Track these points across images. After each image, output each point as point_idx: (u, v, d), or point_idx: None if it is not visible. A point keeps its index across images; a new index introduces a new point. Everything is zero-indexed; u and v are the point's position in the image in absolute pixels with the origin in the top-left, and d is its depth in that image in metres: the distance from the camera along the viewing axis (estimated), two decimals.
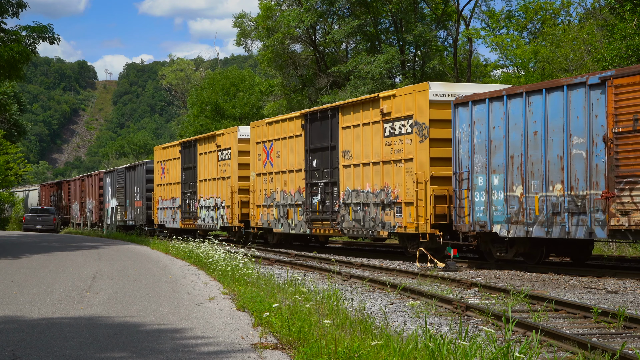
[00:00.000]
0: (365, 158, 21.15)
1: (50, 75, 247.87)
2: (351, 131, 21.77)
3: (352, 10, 42.39)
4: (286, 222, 24.97)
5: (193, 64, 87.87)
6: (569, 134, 15.56)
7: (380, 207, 20.45)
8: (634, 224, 14.20)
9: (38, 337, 8.17)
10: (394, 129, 20.03)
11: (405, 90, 19.90)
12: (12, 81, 36.64)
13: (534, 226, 16.31)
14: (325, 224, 22.94)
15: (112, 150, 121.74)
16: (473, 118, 17.78)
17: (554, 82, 16.27)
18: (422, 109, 19.04)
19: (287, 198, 24.94)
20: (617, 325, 9.39)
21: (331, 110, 22.79)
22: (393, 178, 20.01)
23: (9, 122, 60.31)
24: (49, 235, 41.70)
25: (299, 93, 46.99)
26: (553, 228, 15.89)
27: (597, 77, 15.01)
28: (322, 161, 23.19)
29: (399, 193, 19.77)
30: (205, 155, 31.19)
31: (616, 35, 27.34)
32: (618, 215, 14.54)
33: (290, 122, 25.00)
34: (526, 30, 49.55)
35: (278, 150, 25.56)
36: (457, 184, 18.19)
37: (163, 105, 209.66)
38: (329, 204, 22.70)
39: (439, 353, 6.43)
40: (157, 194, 36.57)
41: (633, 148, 14.36)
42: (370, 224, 20.85)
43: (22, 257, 21.20)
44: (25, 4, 27.85)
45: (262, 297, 10.28)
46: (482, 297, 12.40)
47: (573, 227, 15.50)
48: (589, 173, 15.17)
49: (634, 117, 14.26)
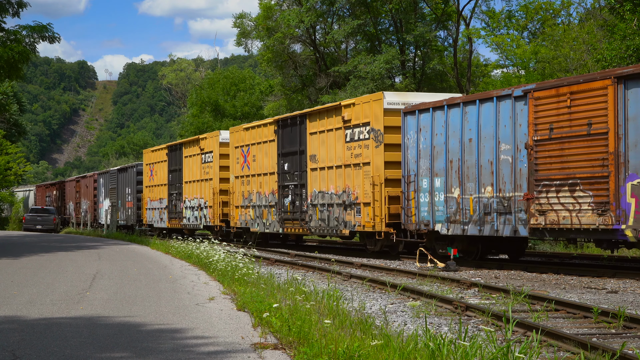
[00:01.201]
0: (329, 162, 22.67)
1: (50, 75, 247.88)
2: (317, 137, 23.28)
3: (352, 10, 42.37)
4: (261, 222, 26.42)
5: (193, 64, 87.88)
6: (498, 141, 17.13)
7: (342, 207, 22.00)
8: (549, 223, 15.82)
9: (38, 337, 8.17)
10: (353, 135, 21.56)
11: (364, 99, 21.38)
12: (12, 81, 36.64)
13: (469, 225, 17.88)
14: (296, 224, 24.40)
15: (112, 150, 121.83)
16: (419, 126, 19.39)
17: (485, 94, 17.79)
18: (377, 116, 20.56)
19: (262, 199, 26.44)
20: (617, 325, 9.39)
21: (300, 117, 24.33)
22: (353, 180, 21.51)
23: (9, 122, 60.31)
24: (49, 235, 41.70)
25: (299, 93, 46.98)
26: (485, 226, 17.45)
27: (521, 89, 16.61)
28: (292, 164, 24.69)
29: (359, 194, 21.28)
30: (190, 158, 32.70)
31: (616, 35, 27.34)
32: (537, 214, 16.08)
33: (264, 128, 26.50)
34: (526, 30, 49.55)
35: (254, 154, 27.07)
36: (405, 186, 19.84)
37: (163, 105, 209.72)
38: (299, 204, 24.19)
39: (439, 353, 6.43)
40: (146, 195, 38.23)
41: (549, 154, 15.95)
42: (334, 223, 22.36)
43: (22, 257, 21.20)
44: (25, 4, 27.83)
45: (262, 297, 10.27)
46: (482, 297, 12.41)
47: (501, 226, 17.04)
48: (514, 177, 16.72)
49: (550, 127, 15.90)
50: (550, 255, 21.61)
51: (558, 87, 15.81)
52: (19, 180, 63.83)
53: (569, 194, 15.53)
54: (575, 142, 15.43)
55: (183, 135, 58.42)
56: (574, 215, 15.42)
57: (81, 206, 52.95)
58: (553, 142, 15.86)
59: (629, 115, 14.47)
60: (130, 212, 40.71)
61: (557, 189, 15.75)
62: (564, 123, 15.64)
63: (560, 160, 15.73)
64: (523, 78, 44.25)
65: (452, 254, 18.32)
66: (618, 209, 14.63)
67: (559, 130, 15.75)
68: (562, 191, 15.66)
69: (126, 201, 41.54)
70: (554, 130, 15.86)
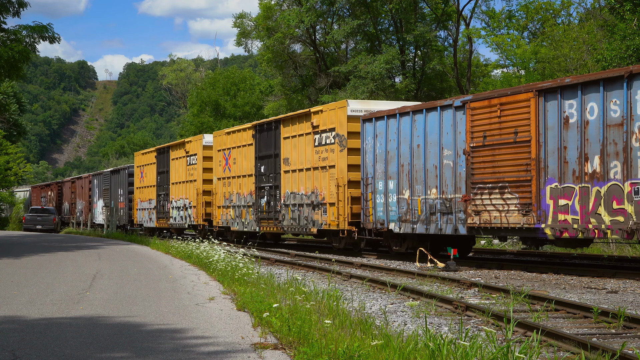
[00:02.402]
0: (300, 164, 24.18)
1: (50, 75, 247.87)
2: (290, 141, 24.82)
3: (352, 10, 42.36)
4: (241, 221, 27.99)
5: (193, 64, 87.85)
6: (442, 147, 18.74)
7: (311, 207, 23.51)
8: (483, 222, 17.49)
9: (38, 337, 8.17)
10: (321, 140, 23.10)
11: (330, 106, 22.96)
12: (12, 81, 36.64)
13: (418, 224, 19.50)
14: (270, 223, 25.94)
15: (112, 150, 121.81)
16: (375, 132, 20.94)
17: (430, 104, 19.44)
18: (342, 123, 22.09)
19: (242, 200, 27.99)
20: (617, 325, 9.39)
21: (275, 122, 25.92)
22: (321, 182, 23.01)
23: (9, 122, 60.26)
24: (49, 235, 41.70)
25: (299, 93, 46.97)
26: (430, 225, 19.09)
27: (460, 100, 18.25)
28: (268, 167, 26.24)
29: (325, 195, 22.80)
30: (177, 160, 34.31)
31: (616, 36, 27.34)
32: (473, 214, 17.76)
33: (244, 132, 28.08)
34: (526, 30, 49.53)
35: (235, 157, 28.63)
36: (364, 188, 21.43)
37: (163, 105, 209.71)
38: (273, 204, 25.76)
39: (439, 353, 6.43)
40: (136, 196, 39.95)
41: (483, 160, 17.57)
42: (304, 222, 23.86)
43: (22, 257, 21.20)
44: (25, 4, 27.83)
45: (262, 297, 10.27)
46: (482, 297, 12.41)
47: (444, 225, 18.67)
48: (454, 180, 18.35)
49: (484, 134, 17.51)
50: (550, 255, 21.63)
51: (490, 99, 17.41)
52: (19, 180, 63.82)
53: (499, 195, 17.17)
54: (504, 148, 17.06)
55: (183, 135, 58.40)
56: (503, 215, 17.04)
57: (76, 206, 54.17)
58: (486, 148, 17.50)
59: (548, 125, 16.07)
60: (122, 213, 42.27)
61: (489, 191, 17.41)
62: (495, 131, 17.26)
63: (492, 165, 17.36)
64: (523, 78, 44.24)
65: (452, 254, 18.34)
66: (539, 210, 16.21)
67: (491, 137, 17.37)
68: (493, 193, 17.32)
69: (118, 202, 43.05)
70: (487, 138, 17.46)
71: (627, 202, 14.49)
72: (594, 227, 15.07)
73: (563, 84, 15.74)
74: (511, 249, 23.96)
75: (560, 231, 15.82)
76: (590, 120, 15.21)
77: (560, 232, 15.83)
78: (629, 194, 14.44)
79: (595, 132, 15.10)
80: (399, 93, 39.14)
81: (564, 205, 15.70)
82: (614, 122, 14.75)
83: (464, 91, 41.80)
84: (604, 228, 14.91)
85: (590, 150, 15.22)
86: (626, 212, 14.50)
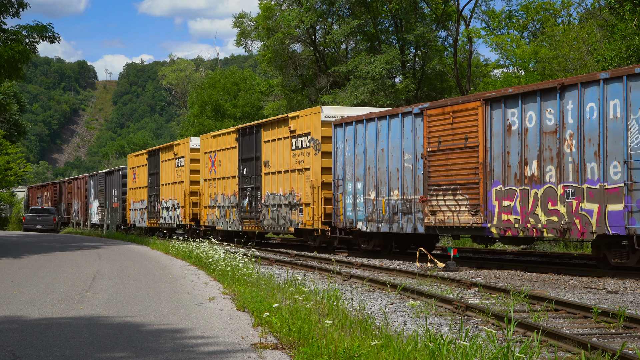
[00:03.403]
0: (279, 167, 25.43)
1: (50, 75, 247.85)
2: (270, 144, 26.09)
3: (352, 10, 42.35)
4: (225, 221, 29.27)
5: (193, 64, 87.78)
6: (403, 151, 20.00)
7: (289, 207, 24.75)
8: (438, 222, 18.83)
9: (38, 337, 8.17)
10: (298, 144, 24.33)
11: (306, 112, 24.29)
12: (12, 81, 36.62)
13: (382, 223, 20.78)
14: (252, 222, 27.25)
15: (112, 150, 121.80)
16: (345, 136, 22.21)
17: (393, 111, 20.85)
18: (316, 128, 23.32)
19: (226, 200, 29.24)
20: (617, 325, 9.39)
21: (256, 127, 27.28)
22: (297, 184, 24.22)
23: (9, 122, 60.24)
24: (49, 235, 41.70)
25: (299, 93, 46.96)
26: (393, 224, 20.37)
27: (418, 107, 19.56)
28: (250, 169, 27.52)
29: (301, 196, 23.98)
30: (166, 162, 35.65)
31: (616, 36, 27.35)
32: (429, 214, 19.09)
33: (228, 136, 29.40)
34: (526, 30, 49.52)
35: (220, 159, 29.91)
36: (335, 189, 22.65)
37: (163, 105, 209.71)
38: (255, 205, 27.04)
39: (439, 353, 6.43)
40: (129, 196, 41.42)
41: (438, 163, 18.87)
42: (282, 221, 25.12)
43: (22, 257, 21.19)
44: (25, 4, 27.79)
45: (262, 297, 10.27)
46: (482, 297, 12.41)
47: (405, 224, 20.01)
48: (414, 182, 19.66)
49: (439, 140, 18.78)
50: (550, 255, 21.63)
51: (444, 107, 18.73)
52: (19, 180, 63.83)
53: (452, 197, 18.47)
54: (456, 153, 18.34)
55: (183, 135, 58.36)
56: (455, 215, 18.35)
57: (73, 207, 55.28)
58: (441, 152, 18.78)
59: (493, 132, 17.37)
60: (116, 213, 43.76)
61: (443, 193, 18.72)
62: (449, 137, 18.53)
63: (446, 169, 18.65)
64: (523, 78, 44.23)
65: (452, 254, 18.36)
66: (486, 210, 17.52)
67: (445, 143, 18.65)
68: (447, 195, 18.61)
69: (113, 202, 44.49)
70: (441, 143, 18.77)
71: (560, 204, 15.80)
72: (532, 226, 16.36)
73: (506, 94, 17.02)
74: (511, 249, 23.96)
75: (504, 230, 17.10)
76: (529, 128, 16.54)
77: (504, 231, 17.10)
78: (562, 196, 15.75)
79: (533, 138, 16.44)
80: (399, 93, 39.15)
81: (507, 206, 17.01)
82: (549, 129, 16.07)
83: (464, 91, 41.80)
84: (541, 227, 16.20)
85: (529, 155, 16.53)
86: (559, 213, 15.81)
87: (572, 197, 15.56)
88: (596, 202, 15.11)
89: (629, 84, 14.60)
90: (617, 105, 14.77)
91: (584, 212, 15.35)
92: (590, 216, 15.21)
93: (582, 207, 15.38)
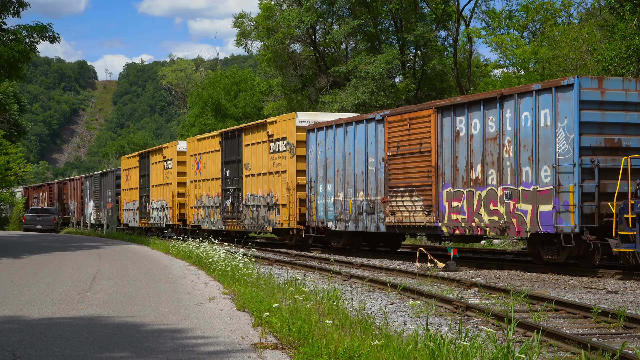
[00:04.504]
0: (258, 169, 26.70)
1: (50, 75, 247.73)
2: (250, 148, 27.38)
3: (352, 10, 42.33)
4: (210, 221, 30.57)
5: (193, 64, 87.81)
6: (367, 155, 21.34)
7: (267, 208, 25.99)
8: (397, 221, 20.22)
9: (38, 337, 8.17)
10: (275, 147, 25.63)
11: (282, 117, 25.84)
12: (12, 81, 36.60)
13: (349, 222, 22.15)
14: (234, 222, 28.47)
15: (112, 150, 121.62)
16: (317, 141, 23.61)
17: (359, 117, 22.15)
18: (292, 132, 24.62)
19: (210, 201, 30.55)
20: (617, 325, 9.39)
21: (238, 131, 28.64)
22: (275, 185, 25.47)
23: (9, 122, 60.18)
24: (49, 235, 41.69)
25: (299, 93, 46.94)
26: (359, 224, 21.71)
27: (380, 114, 20.93)
28: (232, 171, 28.71)
29: (278, 197, 25.23)
30: (156, 164, 37.01)
31: (616, 36, 27.37)
32: (389, 214, 20.43)
33: (212, 140, 30.72)
34: (527, 30, 49.50)
35: (205, 162, 31.21)
36: (308, 190, 24.07)
37: (163, 105, 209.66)
38: (236, 205, 28.23)
39: (439, 353, 6.43)
40: (122, 197, 42.91)
41: (397, 167, 20.28)
42: (261, 221, 26.38)
43: (22, 257, 21.19)
44: (26, 4, 27.77)
45: (262, 297, 10.27)
46: (482, 297, 12.41)
47: (369, 223, 21.34)
48: (377, 184, 20.97)
49: (398, 145, 20.16)
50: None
51: (402, 114, 20.15)
52: (19, 180, 63.81)
53: (409, 198, 19.84)
54: (413, 157, 19.73)
55: (184, 135, 58.34)
56: (411, 215, 19.74)
57: (69, 207, 56.31)
58: (400, 157, 20.15)
59: (444, 138, 18.68)
60: (110, 213, 45.10)
61: (401, 194, 20.05)
62: (406, 142, 19.91)
63: (404, 172, 20.05)
64: (523, 78, 44.22)
65: (452, 254, 18.37)
66: (437, 211, 18.92)
67: (403, 147, 20.01)
68: (405, 196, 19.97)
69: (107, 203, 45.92)
70: (400, 148, 20.13)
71: (500, 204, 17.16)
72: (476, 225, 17.77)
73: (455, 102, 18.44)
74: (511, 249, 23.95)
75: (453, 229, 18.48)
76: (474, 134, 17.85)
77: (454, 230, 18.48)
78: (501, 197, 17.12)
79: (478, 144, 17.75)
80: (399, 93, 39.15)
81: (456, 206, 18.37)
82: (491, 136, 17.42)
83: (464, 91, 41.80)
84: (484, 226, 17.58)
85: (474, 159, 17.86)
86: (499, 213, 17.16)
87: (510, 199, 16.86)
88: (530, 203, 16.37)
89: (557, 95, 15.85)
90: (547, 114, 16.06)
91: (519, 212, 16.65)
92: (525, 216, 16.50)
93: (518, 207, 16.68)
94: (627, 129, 16.01)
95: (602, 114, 15.82)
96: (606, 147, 15.80)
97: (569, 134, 15.61)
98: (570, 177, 15.58)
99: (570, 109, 15.61)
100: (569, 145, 15.63)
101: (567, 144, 15.66)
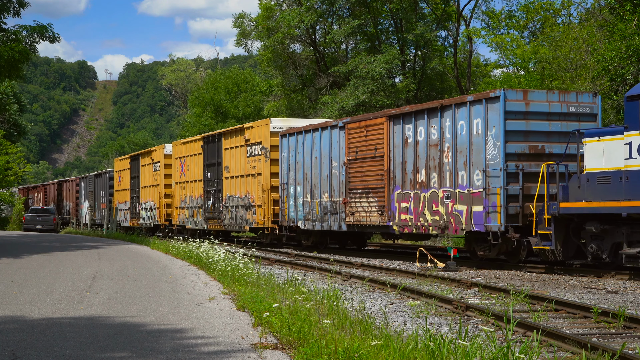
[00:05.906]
0: (237, 172, 28.08)
1: (50, 75, 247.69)
2: (229, 152, 28.78)
3: (352, 10, 42.31)
4: (193, 220, 32.11)
5: (193, 64, 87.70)
6: (331, 159, 22.90)
7: (244, 208, 27.44)
8: (355, 221, 21.77)
9: (38, 337, 8.17)
10: (252, 151, 27.11)
11: (258, 123, 27.32)
12: (12, 81, 36.60)
13: (316, 222, 23.69)
14: (215, 222, 29.95)
15: (112, 150, 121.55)
16: (289, 146, 25.08)
17: (325, 123, 23.81)
18: (266, 137, 26.15)
19: (194, 202, 32.10)
20: (617, 325, 9.39)
21: (218, 135, 30.22)
22: (251, 187, 26.95)
23: (9, 122, 60.16)
24: (49, 235, 41.70)
25: (299, 93, 46.92)
26: (324, 223, 23.26)
27: (342, 122, 22.62)
28: (213, 174, 30.21)
29: (255, 198, 26.68)
30: (145, 167, 38.54)
31: (616, 36, 27.35)
32: (349, 214, 21.96)
33: (195, 143, 32.34)
34: (527, 30, 49.49)
35: (188, 164, 32.78)
36: (281, 192, 25.57)
37: (163, 105, 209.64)
38: (217, 206, 29.68)
39: (439, 353, 6.43)
40: (115, 198, 44.37)
41: (355, 170, 21.84)
42: (240, 221, 27.82)
43: (22, 257, 21.20)
44: (26, 3, 27.75)
45: (262, 297, 10.27)
46: (482, 297, 12.41)
47: (332, 223, 22.92)
48: (339, 186, 22.53)
49: (356, 150, 21.72)
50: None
51: (360, 122, 21.71)
52: (19, 180, 63.79)
53: (365, 199, 21.32)
54: (369, 161, 21.21)
55: (184, 135, 58.31)
56: (367, 215, 21.23)
57: (64, 207, 57.61)
58: (358, 161, 21.66)
59: (395, 144, 20.26)
60: (104, 213, 46.67)
61: (359, 195, 21.54)
62: (363, 148, 21.42)
63: (361, 175, 21.53)
64: (523, 78, 44.18)
65: (452, 254, 18.39)
66: (389, 211, 20.42)
67: (361, 152, 21.52)
68: (362, 197, 21.45)
69: (101, 203, 47.62)
70: (358, 153, 21.64)
71: (440, 205, 18.69)
72: (421, 224, 19.35)
73: (404, 112, 20.07)
74: None
75: (402, 228, 20.04)
76: (420, 141, 19.40)
77: (403, 229, 20.04)
78: (442, 199, 18.64)
79: (423, 150, 19.30)
80: (399, 93, 39.14)
81: (405, 207, 19.88)
82: (433, 142, 18.97)
83: (464, 91, 41.78)
84: (427, 225, 19.14)
85: (420, 164, 19.41)
86: (440, 213, 18.67)
87: (449, 200, 18.38)
88: (465, 204, 17.91)
89: (486, 105, 17.32)
90: (479, 123, 17.57)
91: (457, 212, 18.17)
92: (461, 215, 18.02)
93: (455, 208, 18.19)
94: (551, 137, 17.43)
95: (527, 123, 17.27)
96: (531, 154, 17.26)
97: (497, 141, 17.06)
98: (497, 180, 17.08)
99: (497, 119, 17.05)
100: (496, 152, 17.09)
101: (495, 150, 17.12)
